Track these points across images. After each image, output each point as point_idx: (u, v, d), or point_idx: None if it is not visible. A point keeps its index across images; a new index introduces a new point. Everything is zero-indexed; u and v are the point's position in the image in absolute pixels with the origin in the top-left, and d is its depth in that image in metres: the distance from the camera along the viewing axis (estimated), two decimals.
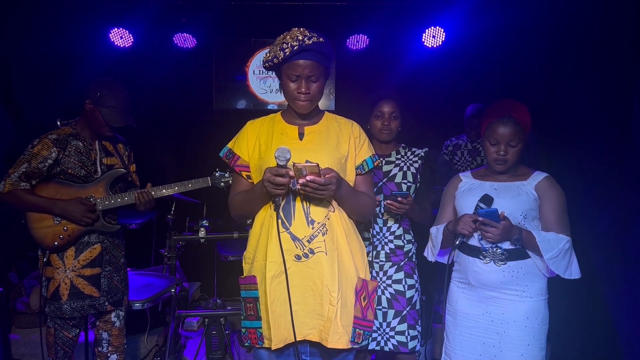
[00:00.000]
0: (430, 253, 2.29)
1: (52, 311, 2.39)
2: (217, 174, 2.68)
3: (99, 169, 2.48)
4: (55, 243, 2.39)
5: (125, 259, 2.63)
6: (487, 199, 2.03)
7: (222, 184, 2.66)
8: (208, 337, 3.16)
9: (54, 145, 2.37)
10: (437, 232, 2.23)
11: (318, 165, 1.72)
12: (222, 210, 2.61)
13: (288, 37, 1.82)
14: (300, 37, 1.79)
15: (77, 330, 2.47)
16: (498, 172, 2.11)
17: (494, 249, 2.03)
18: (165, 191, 2.57)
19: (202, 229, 3.24)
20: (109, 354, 2.57)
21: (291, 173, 1.72)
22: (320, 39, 1.82)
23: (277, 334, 1.83)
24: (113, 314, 2.56)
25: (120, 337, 2.60)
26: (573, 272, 2.02)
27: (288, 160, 1.71)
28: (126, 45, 4.27)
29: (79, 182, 2.44)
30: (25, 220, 2.40)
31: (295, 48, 1.78)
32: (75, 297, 2.40)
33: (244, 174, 1.99)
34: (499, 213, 1.94)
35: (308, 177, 1.70)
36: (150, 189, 2.55)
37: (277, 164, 1.71)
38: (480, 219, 1.96)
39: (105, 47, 4.21)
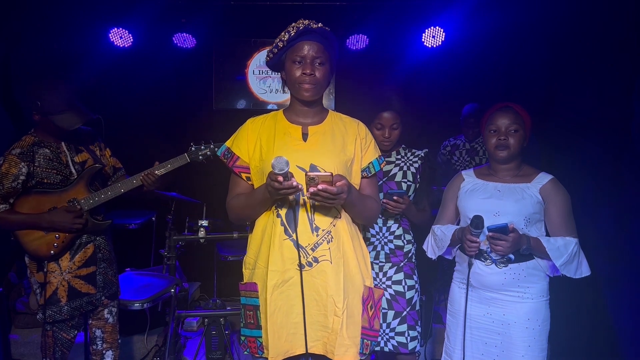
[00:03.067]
0: (431, 251, 2.25)
1: (50, 315, 2.35)
2: (192, 149, 2.55)
3: (73, 170, 2.40)
4: (52, 252, 2.34)
5: (114, 252, 2.60)
6: (478, 222, 1.96)
7: (200, 157, 2.53)
8: (208, 337, 3.16)
9: (21, 160, 2.28)
10: (442, 234, 2.19)
11: (331, 174, 1.64)
12: (222, 210, 2.60)
13: (293, 23, 1.81)
14: (305, 22, 1.79)
15: (75, 332, 2.45)
16: (500, 160, 2.08)
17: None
18: (159, 171, 2.49)
19: (201, 229, 3.24)
20: (104, 351, 2.55)
21: (294, 183, 1.64)
22: (326, 28, 1.81)
23: (277, 346, 1.76)
24: (106, 310, 2.54)
25: (114, 333, 2.58)
26: (583, 271, 2.01)
27: (284, 171, 1.61)
28: (126, 45, 4.27)
29: (57, 188, 2.37)
30: (15, 237, 2.34)
31: (301, 28, 1.76)
32: (73, 296, 2.38)
33: (243, 175, 1.91)
34: (509, 226, 1.90)
35: (320, 186, 1.62)
36: (155, 168, 2.49)
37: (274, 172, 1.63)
38: (489, 234, 1.93)
39: (105, 47, 4.21)
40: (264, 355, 1.81)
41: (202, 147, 2.56)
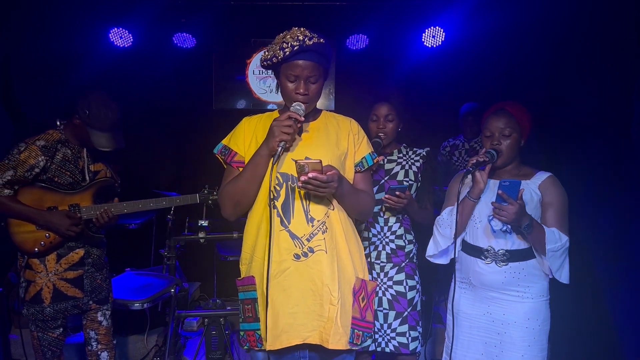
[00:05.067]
0: (440, 241, 2.18)
1: (32, 314, 2.34)
2: (205, 192, 2.62)
3: (86, 177, 2.42)
4: (36, 249, 2.33)
5: (107, 257, 2.59)
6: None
7: (209, 201, 2.60)
8: (208, 337, 3.16)
9: (42, 154, 2.28)
10: (449, 213, 2.15)
11: (320, 161, 1.68)
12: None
13: (288, 36, 1.78)
14: (300, 37, 1.76)
15: (61, 329, 2.42)
16: (494, 166, 2.09)
17: (496, 250, 2.03)
18: (142, 206, 2.51)
19: (201, 229, 3.24)
20: (99, 352, 2.56)
21: (301, 119, 1.77)
22: (321, 40, 1.79)
23: (274, 335, 1.79)
24: (99, 313, 2.54)
25: (107, 335, 2.58)
26: (563, 274, 2.01)
27: (301, 114, 1.76)
28: (126, 45, 4.27)
29: (64, 189, 2.37)
30: (5, 224, 2.33)
31: (296, 48, 1.75)
32: (57, 299, 2.37)
33: (240, 169, 1.92)
34: (520, 190, 1.87)
35: (310, 174, 1.67)
36: (112, 205, 2.45)
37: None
38: (499, 191, 1.88)
39: (105, 47, 4.21)
40: (264, 347, 1.83)
41: (215, 193, 2.63)
